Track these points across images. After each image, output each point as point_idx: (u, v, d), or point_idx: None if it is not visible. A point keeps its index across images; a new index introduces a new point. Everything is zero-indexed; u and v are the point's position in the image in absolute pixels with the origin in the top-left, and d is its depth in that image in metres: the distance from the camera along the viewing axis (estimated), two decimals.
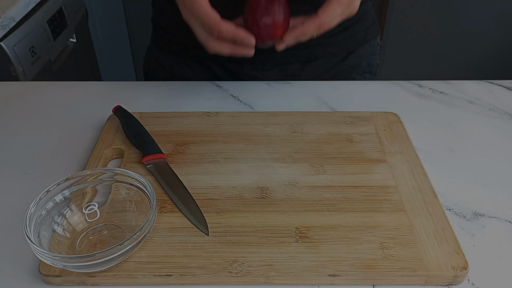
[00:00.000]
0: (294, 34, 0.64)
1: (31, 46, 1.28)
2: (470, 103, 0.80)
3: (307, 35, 0.64)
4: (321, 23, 0.62)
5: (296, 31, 0.63)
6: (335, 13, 0.63)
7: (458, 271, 0.49)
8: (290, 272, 0.49)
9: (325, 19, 0.62)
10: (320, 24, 0.63)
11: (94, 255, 0.45)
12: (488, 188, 0.62)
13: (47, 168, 0.65)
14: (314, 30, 0.63)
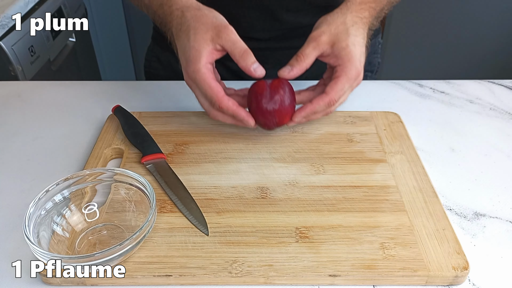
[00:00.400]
0: (303, 114, 0.63)
1: (30, 46, 1.28)
2: (471, 103, 0.80)
3: (317, 114, 0.64)
4: (330, 100, 0.62)
5: (306, 110, 0.63)
6: (344, 88, 0.62)
7: (459, 271, 0.49)
8: (290, 272, 0.49)
9: (334, 96, 0.62)
10: (330, 102, 0.62)
11: (93, 255, 0.45)
12: (489, 188, 0.62)
13: (46, 168, 0.65)
14: (324, 107, 0.62)
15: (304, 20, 0.84)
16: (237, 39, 0.60)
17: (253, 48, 0.88)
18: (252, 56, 0.60)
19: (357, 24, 0.64)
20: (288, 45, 0.87)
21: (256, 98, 0.63)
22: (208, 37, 0.60)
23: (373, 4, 0.67)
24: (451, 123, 0.75)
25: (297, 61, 0.63)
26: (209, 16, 0.62)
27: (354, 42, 0.62)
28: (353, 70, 0.62)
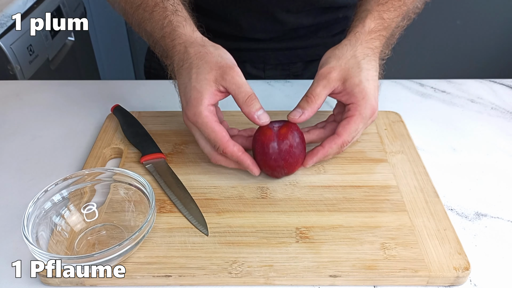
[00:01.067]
0: (315, 159, 0.59)
1: (28, 45, 1.28)
2: (472, 102, 0.80)
3: (329, 156, 0.61)
4: (343, 142, 0.58)
5: (318, 155, 0.59)
6: (358, 128, 0.59)
7: (460, 271, 0.49)
8: (290, 272, 0.49)
9: (347, 138, 0.58)
10: (342, 143, 0.58)
11: (92, 255, 0.45)
12: (490, 188, 0.62)
13: (45, 168, 0.65)
14: (336, 150, 0.59)
15: (306, 21, 0.84)
16: (242, 82, 0.56)
17: (254, 49, 0.88)
18: (258, 102, 0.56)
19: (368, 56, 0.60)
20: (290, 45, 0.87)
21: (263, 150, 0.58)
22: (211, 77, 0.56)
23: (383, 32, 0.63)
24: (452, 123, 0.75)
25: (307, 103, 0.59)
26: (214, 55, 0.57)
27: (367, 77, 0.59)
28: (368, 109, 0.58)
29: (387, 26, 0.63)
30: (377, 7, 0.64)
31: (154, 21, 0.62)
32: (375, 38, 0.62)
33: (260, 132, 0.58)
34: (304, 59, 0.90)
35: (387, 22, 0.63)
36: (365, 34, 0.62)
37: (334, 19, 0.86)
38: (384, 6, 0.64)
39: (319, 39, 0.88)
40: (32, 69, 1.30)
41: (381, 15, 0.63)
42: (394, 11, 0.64)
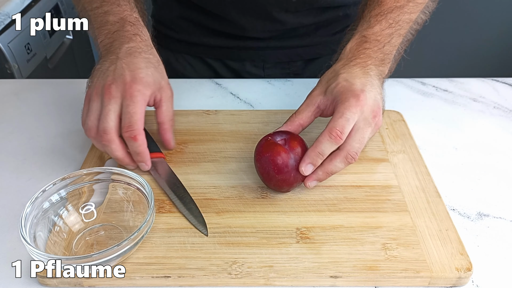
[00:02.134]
0: (314, 176, 0.56)
1: (26, 43, 1.28)
2: (474, 101, 0.80)
3: (334, 162, 0.56)
4: (331, 131, 0.54)
5: (310, 156, 0.55)
6: (346, 117, 0.54)
7: (462, 272, 0.49)
8: (290, 273, 0.49)
9: (335, 127, 0.54)
10: (331, 133, 0.54)
11: (90, 256, 0.45)
12: (492, 188, 0.62)
13: (43, 167, 0.65)
14: (330, 145, 0.55)
15: (306, 20, 0.84)
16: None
17: (253, 47, 0.88)
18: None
19: (347, 66, 0.59)
20: (289, 44, 0.87)
21: (278, 168, 0.55)
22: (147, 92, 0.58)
23: (366, 45, 0.61)
24: (454, 122, 0.75)
25: (289, 119, 0.60)
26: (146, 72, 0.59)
27: (346, 77, 0.57)
28: (351, 98, 0.55)
29: (372, 40, 0.62)
30: (360, 28, 0.64)
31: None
32: (357, 53, 0.61)
33: (269, 149, 0.55)
34: (304, 58, 0.90)
35: (370, 38, 0.62)
36: (346, 54, 0.62)
37: (334, 17, 0.86)
38: (365, 24, 0.64)
39: (319, 37, 0.88)
40: (30, 67, 1.30)
41: (362, 33, 0.63)
42: (377, 25, 0.63)
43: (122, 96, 0.56)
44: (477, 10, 2.07)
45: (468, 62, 2.19)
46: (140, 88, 0.57)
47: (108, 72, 0.58)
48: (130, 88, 0.56)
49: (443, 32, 2.12)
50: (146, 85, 0.58)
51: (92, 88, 0.59)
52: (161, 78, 0.61)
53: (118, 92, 0.56)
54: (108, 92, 0.56)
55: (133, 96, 0.56)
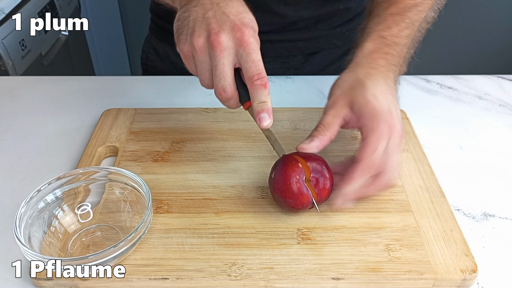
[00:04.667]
0: (358, 198, 0.55)
1: (21, 39, 1.28)
2: (480, 99, 0.80)
3: (367, 190, 0.55)
4: (363, 167, 0.53)
5: (342, 193, 0.53)
6: (377, 148, 0.53)
7: (467, 274, 0.49)
8: (291, 275, 0.49)
9: (366, 161, 0.53)
10: (364, 169, 0.53)
11: (87, 257, 0.45)
12: (498, 188, 0.62)
13: (37, 167, 0.65)
14: (361, 176, 0.53)
15: (306, 13, 0.84)
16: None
17: None
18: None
19: (372, 76, 0.57)
20: (289, 37, 0.87)
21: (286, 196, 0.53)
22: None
23: (386, 49, 0.60)
24: (459, 120, 0.75)
25: (318, 131, 0.56)
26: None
27: (374, 93, 0.55)
28: (382, 124, 0.53)
29: (391, 43, 0.61)
30: (376, 27, 0.62)
31: None
32: (379, 58, 0.59)
33: (289, 167, 0.53)
34: (304, 52, 0.90)
35: (389, 40, 0.61)
36: (365, 57, 0.60)
37: (335, 10, 0.86)
38: (383, 24, 0.62)
39: (319, 31, 0.88)
40: (25, 64, 1.30)
41: (380, 34, 0.61)
42: (396, 26, 0.62)
43: (236, 45, 0.52)
44: (482, 6, 2.07)
45: (473, 59, 2.19)
46: (252, 33, 0.52)
47: (208, 20, 0.52)
48: (243, 35, 0.51)
49: (448, 28, 2.11)
50: (254, 30, 0.53)
51: (189, 42, 0.53)
52: (257, 26, 0.55)
53: (229, 41, 0.51)
54: (218, 43, 0.51)
55: (250, 43, 0.51)
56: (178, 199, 0.58)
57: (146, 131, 0.69)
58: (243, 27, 0.52)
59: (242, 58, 0.52)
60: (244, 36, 0.51)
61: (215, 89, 0.54)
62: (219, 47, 0.51)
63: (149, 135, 0.68)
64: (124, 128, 0.69)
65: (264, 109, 0.53)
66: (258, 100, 0.53)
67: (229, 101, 0.54)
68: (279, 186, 0.53)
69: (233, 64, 0.53)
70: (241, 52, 0.52)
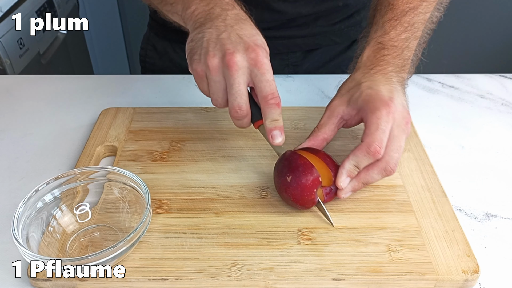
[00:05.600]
0: (361, 184, 0.56)
1: (19, 38, 1.28)
2: (482, 98, 0.80)
3: (370, 174, 0.55)
4: (369, 147, 0.53)
5: (345, 167, 0.55)
6: (382, 128, 0.53)
7: (469, 274, 0.49)
8: (292, 276, 0.49)
9: (373, 142, 0.53)
10: (369, 149, 0.53)
11: (85, 258, 0.45)
12: (500, 187, 0.62)
13: (36, 166, 0.65)
14: (367, 159, 0.54)
15: (305, 10, 0.84)
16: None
17: None
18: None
19: (370, 75, 0.58)
20: (288, 34, 0.87)
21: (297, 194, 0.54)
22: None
23: (384, 51, 0.61)
24: (460, 119, 0.75)
25: (312, 133, 0.60)
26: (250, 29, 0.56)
27: (369, 85, 0.57)
28: (379, 104, 0.54)
29: (389, 46, 0.61)
30: (374, 34, 0.63)
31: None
32: (377, 61, 0.60)
33: (297, 164, 0.54)
34: (303, 48, 0.90)
35: (387, 44, 0.61)
36: (363, 63, 0.61)
37: (334, 7, 0.86)
38: (380, 31, 0.63)
39: (318, 27, 0.88)
40: (23, 63, 1.30)
41: (378, 40, 0.62)
42: (392, 31, 0.62)
43: (251, 65, 0.53)
44: (484, 4, 2.07)
45: (475, 58, 2.19)
46: (265, 54, 0.54)
47: (222, 41, 0.54)
48: (257, 56, 0.53)
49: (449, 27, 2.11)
50: (267, 52, 0.55)
51: (203, 61, 0.54)
52: (267, 48, 0.57)
53: (244, 61, 0.53)
54: (233, 63, 0.53)
55: (264, 63, 0.53)
56: (177, 199, 0.58)
57: (145, 131, 0.69)
58: (257, 48, 0.53)
59: (257, 78, 0.54)
60: (259, 56, 0.53)
61: (231, 108, 0.55)
62: (235, 67, 0.53)
63: (148, 135, 0.68)
64: (123, 128, 0.69)
65: (276, 127, 0.55)
66: (271, 118, 0.55)
67: (243, 119, 0.56)
68: (294, 193, 0.54)
69: (247, 83, 0.55)
70: (255, 72, 0.53)
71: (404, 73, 0.61)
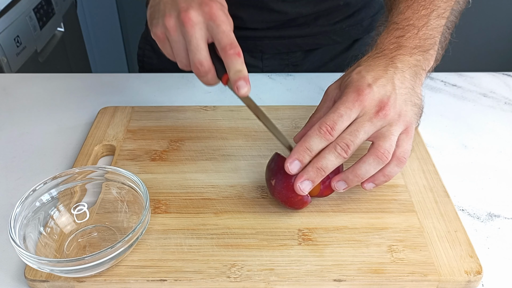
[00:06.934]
0: (316, 169, 0.52)
1: (16, 36, 1.28)
2: (484, 97, 0.80)
3: (329, 165, 0.52)
4: (321, 123, 0.52)
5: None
6: (340, 111, 0.52)
7: (472, 275, 0.49)
8: (292, 276, 0.49)
9: (326, 120, 0.52)
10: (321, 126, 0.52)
11: (83, 258, 0.45)
12: (503, 187, 0.62)
13: (33, 166, 0.65)
14: (319, 138, 0.52)
15: (305, 10, 0.84)
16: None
17: (250, 37, 0.88)
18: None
19: (372, 59, 0.56)
20: (288, 34, 0.87)
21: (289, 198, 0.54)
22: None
23: (397, 32, 0.59)
24: (463, 118, 0.75)
25: (309, 119, 0.59)
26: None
27: (360, 70, 0.55)
28: (351, 90, 0.52)
29: (405, 25, 0.59)
30: (390, 18, 0.61)
31: None
32: (388, 43, 0.58)
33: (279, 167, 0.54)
34: (304, 48, 0.90)
35: (402, 24, 0.59)
36: (376, 45, 0.59)
37: (335, 6, 0.86)
38: (395, 11, 0.61)
39: (318, 27, 0.88)
40: (20, 61, 1.30)
41: (393, 20, 0.60)
42: (408, 10, 0.60)
43: (206, 19, 0.53)
44: (487, 2, 2.06)
45: (478, 56, 2.19)
46: (219, 6, 0.54)
47: (177, 1, 0.55)
48: (211, 9, 0.53)
49: None
50: (222, 5, 0.56)
51: (161, 23, 0.55)
52: (225, 3, 0.57)
53: (199, 16, 0.53)
54: (188, 19, 0.53)
55: (219, 15, 0.53)
56: (176, 199, 0.58)
57: (143, 130, 0.69)
58: (211, 2, 0.54)
59: (214, 31, 0.53)
60: (213, 9, 0.53)
61: (192, 65, 0.55)
62: (190, 22, 0.53)
63: (147, 134, 0.68)
64: (121, 127, 0.69)
65: (240, 77, 0.53)
66: (234, 69, 0.53)
67: (207, 75, 0.55)
68: (281, 196, 0.54)
69: (206, 38, 0.54)
70: (211, 25, 0.53)
71: (421, 55, 0.58)
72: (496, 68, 0.91)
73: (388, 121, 0.52)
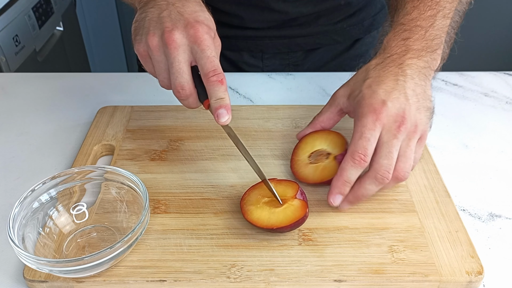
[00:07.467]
0: (357, 198, 0.55)
1: (14, 35, 1.28)
2: (486, 96, 0.80)
3: (362, 188, 0.54)
4: (352, 154, 0.53)
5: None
6: (365, 135, 0.52)
7: (473, 276, 0.49)
8: (292, 277, 0.49)
9: (354, 148, 0.53)
10: (353, 156, 0.53)
11: (82, 259, 0.45)
12: (504, 187, 0.62)
13: (31, 166, 0.65)
14: (352, 167, 0.53)
15: (305, 9, 0.84)
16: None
17: (251, 37, 0.88)
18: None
19: (382, 67, 0.56)
20: (288, 33, 0.87)
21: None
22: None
23: (405, 34, 0.59)
24: (464, 118, 0.75)
25: (313, 119, 0.60)
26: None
27: (370, 84, 0.55)
28: (366, 110, 0.53)
29: (412, 27, 0.59)
30: (396, 18, 0.61)
31: None
32: (396, 46, 0.58)
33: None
34: (304, 48, 0.90)
35: (409, 25, 0.59)
36: (383, 48, 0.59)
37: (336, 6, 0.86)
38: (402, 12, 0.61)
39: (319, 27, 0.88)
40: (18, 60, 1.30)
41: (399, 21, 0.60)
42: (415, 10, 0.60)
43: (190, 42, 0.52)
44: (488, 1, 2.06)
45: (479, 55, 2.19)
46: (206, 30, 0.53)
47: (162, 19, 0.53)
48: (196, 32, 0.52)
49: None
50: (209, 28, 0.54)
51: (144, 41, 0.54)
52: (213, 24, 0.56)
53: (183, 39, 0.52)
54: (171, 41, 0.52)
55: (204, 39, 0.52)
56: (176, 199, 0.58)
57: (143, 129, 0.69)
58: (197, 24, 0.53)
59: (197, 55, 0.52)
60: (198, 32, 0.52)
61: (173, 88, 0.54)
62: (173, 44, 0.52)
63: (146, 133, 0.68)
64: (121, 126, 0.69)
65: (222, 105, 0.53)
66: (216, 96, 0.53)
67: (188, 99, 0.55)
68: None
69: (189, 61, 0.53)
70: (195, 49, 0.52)
71: (429, 56, 0.58)
72: (497, 67, 0.91)
73: (407, 133, 0.54)
